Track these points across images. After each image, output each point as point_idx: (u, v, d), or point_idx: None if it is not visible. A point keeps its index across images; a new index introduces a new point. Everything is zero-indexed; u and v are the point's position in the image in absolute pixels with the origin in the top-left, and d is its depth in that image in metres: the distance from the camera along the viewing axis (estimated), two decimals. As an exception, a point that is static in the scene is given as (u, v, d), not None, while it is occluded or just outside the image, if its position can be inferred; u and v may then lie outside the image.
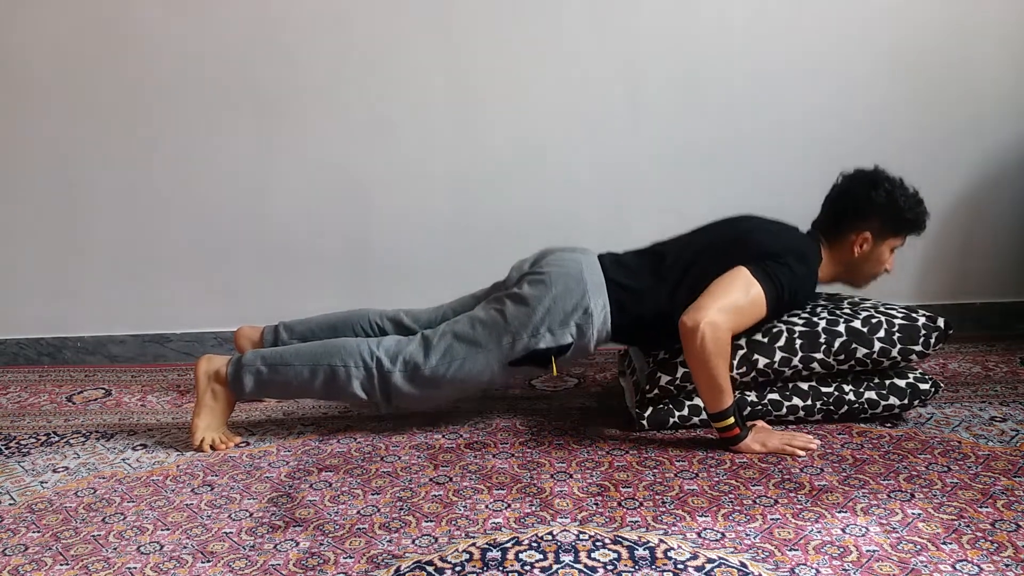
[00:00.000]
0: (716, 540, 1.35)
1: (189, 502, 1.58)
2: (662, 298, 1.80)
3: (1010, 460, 1.61)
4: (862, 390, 1.81)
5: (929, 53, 2.43)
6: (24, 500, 1.61)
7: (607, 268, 1.84)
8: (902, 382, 1.82)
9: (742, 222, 1.90)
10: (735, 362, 1.77)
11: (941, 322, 1.81)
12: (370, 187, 2.56)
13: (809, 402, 1.82)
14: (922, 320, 1.81)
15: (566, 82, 2.48)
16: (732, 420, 1.67)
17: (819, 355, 1.79)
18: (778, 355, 1.78)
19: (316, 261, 2.60)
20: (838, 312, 1.86)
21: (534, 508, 1.49)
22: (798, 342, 1.79)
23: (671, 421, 1.82)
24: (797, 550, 1.31)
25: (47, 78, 2.52)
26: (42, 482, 1.70)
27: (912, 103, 2.43)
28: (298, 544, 1.40)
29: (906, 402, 1.81)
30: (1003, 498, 1.45)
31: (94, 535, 1.46)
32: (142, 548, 1.40)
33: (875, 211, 1.81)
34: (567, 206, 2.52)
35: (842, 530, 1.36)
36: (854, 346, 1.78)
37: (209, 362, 1.89)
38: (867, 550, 1.30)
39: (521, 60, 2.48)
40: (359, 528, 1.44)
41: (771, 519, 1.41)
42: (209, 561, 1.35)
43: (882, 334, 1.78)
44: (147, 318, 2.65)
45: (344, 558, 1.34)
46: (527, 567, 1.28)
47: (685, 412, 1.82)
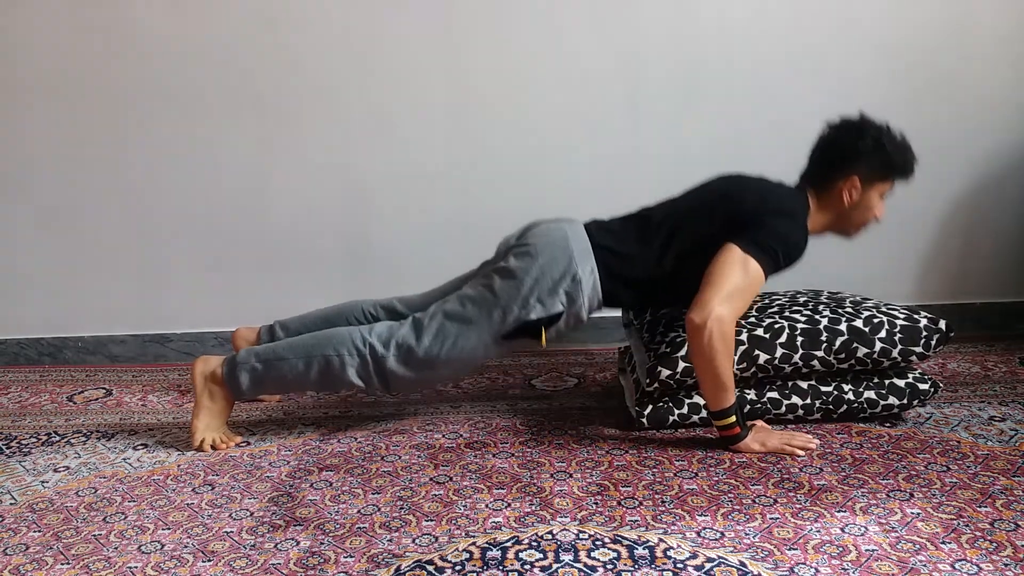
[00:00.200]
0: (715, 539, 1.35)
1: (190, 501, 1.58)
2: (650, 260, 1.80)
3: (1009, 460, 1.61)
4: (861, 389, 1.82)
5: (929, 53, 2.43)
6: (25, 500, 1.62)
7: (593, 234, 1.84)
8: (901, 382, 1.82)
9: (728, 181, 1.88)
10: (736, 357, 1.77)
11: (943, 324, 1.81)
12: (370, 187, 2.56)
13: (808, 401, 1.82)
14: (924, 321, 1.81)
15: (566, 82, 2.48)
16: (733, 419, 1.67)
17: (820, 353, 1.79)
18: (779, 351, 1.79)
19: (316, 261, 2.60)
20: (840, 311, 1.86)
21: (534, 507, 1.49)
22: (799, 339, 1.79)
23: (670, 419, 1.82)
24: (796, 549, 1.31)
25: (47, 78, 2.52)
26: (43, 482, 1.71)
27: (912, 103, 2.43)
28: (299, 543, 1.40)
29: (905, 402, 1.81)
30: (1002, 498, 1.46)
31: (95, 534, 1.46)
32: (143, 547, 1.41)
33: (863, 157, 1.77)
34: (567, 206, 2.50)
35: (841, 529, 1.37)
36: (855, 345, 1.78)
37: (205, 363, 1.89)
38: (866, 549, 1.30)
39: (521, 60, 2.48)
40: (359, 527, 1.45)
41: (770, 518, 1.41)
42: (210, 560, 1.35)
43: (883, 334, 1.79)
44: (147, 318, 2.65)
45: (345, 557, 1.35)
46: (527, 566, 1.29)
47: (684, 410, 1.82)
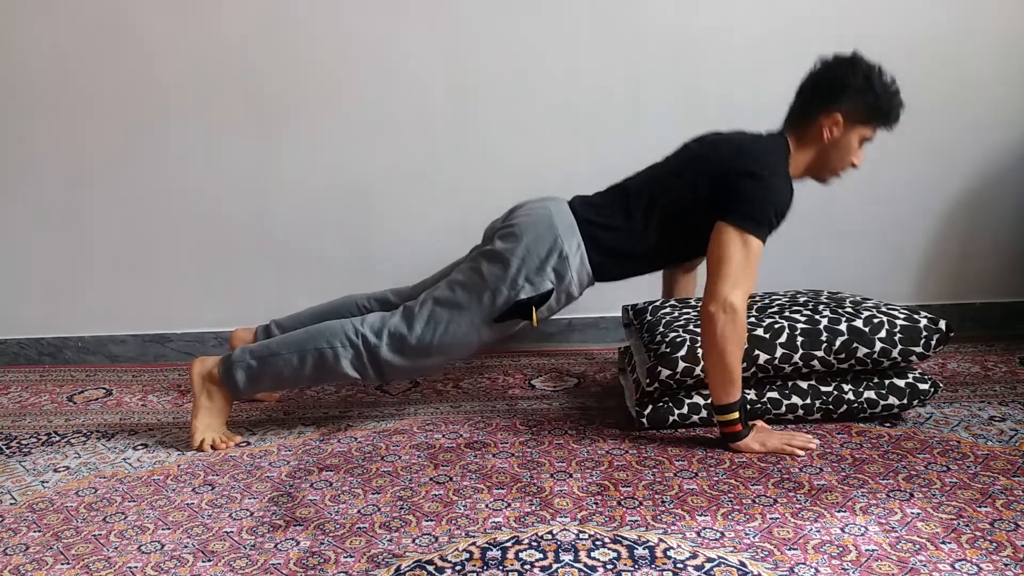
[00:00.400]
0: (715, 539, 1.35)
1: (190, 501, 1.58)
2: (635, 230, 1.81)
3: (1009, 460, 1.61)
4: (861, 389, 1.82)
5: (929, 53, 2.43)
6: (25, 500, 1.62)
7: (577, 210, 1.84)
8: (901, 382, 1.82)
9: (702, 143, 1.88)
10: None
11: (943, 324, 1.81)
12: (370, 187, 2.56)
13: (808, 401, 1.82)
14: (924, 322, 1.81)
15: (566, 82, 2.48)
16: (737, 415, 1.67)
17: (820, 353, 1.79)
18: (779, 351, 1.78)
19: (316, 261, 2.60)
20: (840, 311, 1.86)
21: (534, 507, 1.49)
22: (799, 339, 1.79)
23: (670, 419, 1.82)
24: (796, 549, 1.31)
25: (47, 78, 2.52)
26: (43, 482, 1.71)
27: (911, 103, 2.42)
28: (299, 543, 1.40)
29: (905, 402, 1.81)
30: (1002, 498, 1.45)
31: (95, 534, 1.46)
32: (143, 547, 1.41)
33: (849, 92, 1.74)
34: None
35: (841, 529, 1.37)
36: (855, 345, 1.78)
37: (203, 364, 1.89)
38: (866, 549, 1.30)
39: (521, 60, 2.48)
40: (359, 527, 1.45)
41: (770, 518, 1.41)
42: (210, 560, 1.35)
43: (883, 334, 1.79)
44: (148, 318, 2.65)
45: (345, 557, 1.35)
46: (527, 566, 1.29)
47: (684, 410, 1.82)
